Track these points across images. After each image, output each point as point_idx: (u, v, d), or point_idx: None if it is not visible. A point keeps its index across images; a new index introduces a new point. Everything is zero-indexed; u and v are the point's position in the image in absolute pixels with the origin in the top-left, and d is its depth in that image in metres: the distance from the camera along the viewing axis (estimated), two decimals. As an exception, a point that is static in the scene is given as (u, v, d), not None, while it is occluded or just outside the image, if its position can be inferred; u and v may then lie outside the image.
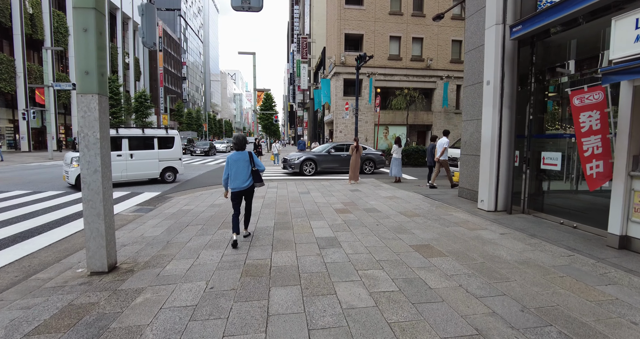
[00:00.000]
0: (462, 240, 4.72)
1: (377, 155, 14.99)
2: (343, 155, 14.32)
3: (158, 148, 10.87)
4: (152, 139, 10.82)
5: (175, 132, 11.48)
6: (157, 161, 10.89)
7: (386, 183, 11.09)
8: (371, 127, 23.66)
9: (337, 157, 14.32)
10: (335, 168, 14.23)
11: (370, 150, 15.03)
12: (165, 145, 11.12)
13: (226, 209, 6.92)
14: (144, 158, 10.59)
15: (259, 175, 4.61)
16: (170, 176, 11.33)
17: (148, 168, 10.73)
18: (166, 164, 11.13)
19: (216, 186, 10.57)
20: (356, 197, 8.26)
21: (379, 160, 14.94)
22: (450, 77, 24.24)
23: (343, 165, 14.20)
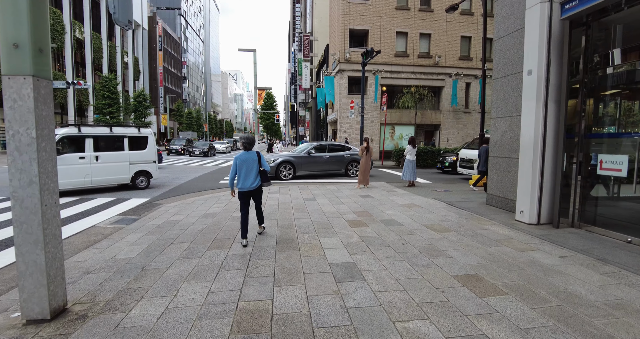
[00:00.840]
0: (515, 266, 3.71)
1: None
2: (325, 156, 12.79)
3: (129, 150, 9.56)
4: (121, 139, 9.45)
5: (149, 131, 10.14)
6: (128, 164, 9.58)
7: (399, 187, 10.08)
8: (377, 127, 22.65)
9: (319, 158, 12.74)
10: (317, 171, 12.79)
11: (355, 150, 13.48)
12: (138, 146, 9.79)
13: (220, 221, 5.92)
14: (112, 161, 9.28)
15: (266, 175, 4.65)
16: (144, 182, 10.03)
17: (117, 172, 9.40)
18: (138, 167, 9.81)
19: (212, 191, 9.58)
20: (369, 205, 7.25)
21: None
22: (460, 74, 23.21)
23: (326, 168, 12.85)
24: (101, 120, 33.66)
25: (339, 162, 12.97)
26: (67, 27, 35.98)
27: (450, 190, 9.49)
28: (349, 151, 13.30)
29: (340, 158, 13.01)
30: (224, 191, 9.33)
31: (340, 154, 13.08)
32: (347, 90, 22.28)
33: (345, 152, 13.24)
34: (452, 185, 11.11)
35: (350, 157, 13.11)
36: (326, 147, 13.18)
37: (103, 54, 42.71)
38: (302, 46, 38.98)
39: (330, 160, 12.83)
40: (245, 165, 4.44)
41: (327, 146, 13.22)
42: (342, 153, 13.15)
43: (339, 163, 12.98)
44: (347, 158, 13.10)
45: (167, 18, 72.70)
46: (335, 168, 12.96)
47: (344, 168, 13.09)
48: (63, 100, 35.89)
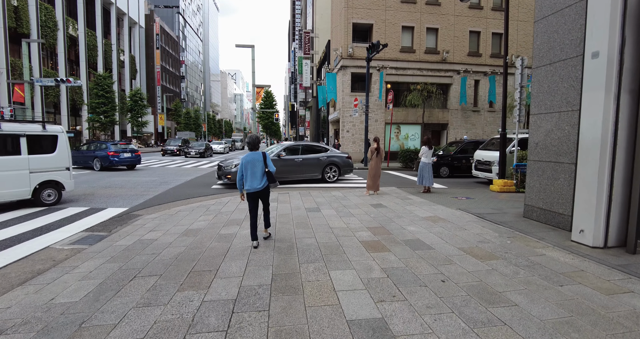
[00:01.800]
0: (615, 323, 2.57)
1: (341, 158, 11.80)
2: (297, 159, 11.07)
3: (28, 153, 7.10)
4: (15, 139, 6.98)
5: (59, 129, 7.82)
6: (27, 173, 7.08)
7: (413, 193, 8.93)
8: (381, 126, 21.50)
9: (290, 162, 10.99)
10: (288, 177, 11.02)
11: (334, 151, 11.92)
12: (42, 149, 7.39)
13: (203, 241, 4.78)
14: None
15: (272, 176, 4.56)
16: (52, 196, 7.56)
17: (6, 184, 6.80)
18: (44, 177, 7.34)
19: (201, 198, 8.43)
20: (385, 218, 6.10)
21: (345, 164, 11.78)
22: (469, 71, 22.06)
23: (299, 174, 11.14)
24: (94, 120, 32.50)
25: (314, 165, 11.31)
26: (59, 24, 34.86)
27: (473, 198, 8.34)
28: (325, 153, 11.61)
29: (315, 161, 11.34)
30: (215, 199, 8.18)
31: (315, 156, 11.39)
32: (350, 88, 21.12)
33: (321, 154, 11.52)
34: (472, 190, 9.97)
35: (327, 160, 11.45)
36: (299, 148, 11.57)
37: (98, 52, 41.59)
38: (302, 43, 37.83)
39: (304, 163, 11.15)
40: (251, 165, 4.40)
41: (301, 147, 11.62)
42: (318, 155, 11.45)
43: (315, 167, 11.33)
44: (323, 161, 11.41)
45: (165, 16, 71.57)
46: (310, 172, 11.31)
47: (320, 173, 11.42)
48: (56, 99, 34.72)
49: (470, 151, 14.06)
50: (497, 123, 22.97)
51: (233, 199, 8.09)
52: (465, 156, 14.02)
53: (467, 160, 13.82)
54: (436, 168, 13.19)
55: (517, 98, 10.03)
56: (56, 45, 34.86)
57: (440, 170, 13.78)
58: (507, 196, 8.69)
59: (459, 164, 14.05)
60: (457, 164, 14.07)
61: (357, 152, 20.64)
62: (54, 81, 22.51)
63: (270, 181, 4.53)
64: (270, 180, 4.53)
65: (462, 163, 14.03)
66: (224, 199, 8.14)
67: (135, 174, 13.92)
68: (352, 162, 12.17)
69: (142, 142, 52.82)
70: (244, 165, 4.40)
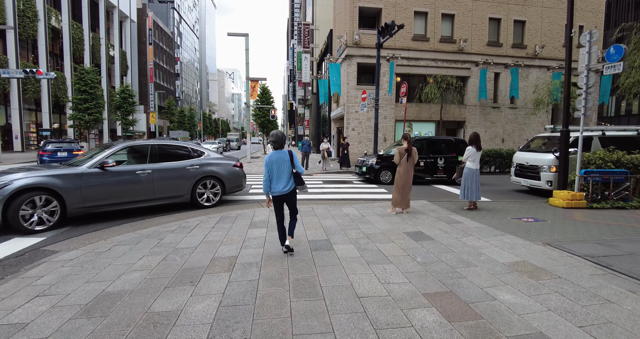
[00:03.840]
0: None
1: (226, 168, 7.33)
2: (143, 172, 6.31)
3: None
4: None
5: None
6: None
7: (456, 211, 6.54)
8: (391, 124, 19.10)
9: (128, 177, 6.18)
10: (122, 203, 6.14)
11: (212, 156, 7.33)
12: None
13: (120, 321, 2.35)
14: None
15: (300, 177, 4.07)
16: None
17: None
18: None
19: (163, 217, 6.01)
20: (443, 266, 3.69)
21: (232, 176, 7.39)
22: (490, 62, 19.67)
23: (145, 195, 6.36)
24: (76, 117, 29.94)
25: (177, 180, 6.70)
26: (40, 14, 32.30)
27: (545, 220, 5.95)
28: (198, 159, 7.04)
29: (178, 173, 6.71)
30: (179, 220, 5.75)
31: (179, 166, 6.74)
32: (356, 80, 18.71)
33: (190, 162, 6.89)
34: (521, 204, 7.59)
35: (200, 170, 6.90)
36: (148, 150, 6.59)
37: (85, 46, 39.02)
38: (302, 36, 35.40)
39: (156, 178, 6.40)
40: (276, 166, 3.92)
41: (152, 149, 6.62)
42: (184, 163, 6.82)
43: (178, 184, 6.72)
44: (193, 173, 6.83)
45: (159, 11, 69.04)
46: (169, 193, 6.64)
47: (189, 192, 6.85)
48: (36, 95, 32.17)
49: (422, 151, 11.62)
50: (518, 121, 20.64)
51: (203, 221, 5.67)
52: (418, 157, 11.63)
53: (418, 162, 11.23)
54: (376, 172, 11.25)
55: (583, 85, 7.63)
56: (37, 37, 32.32)
57: (381, 174, 11.38)
58: (586, 215, 6.31)
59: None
60: None
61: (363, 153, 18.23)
62: (23, 72, 20.02)
63: (297, 183, 4.06)
64: (298, 183, 4.06)
65: None
66: (191, 221, 5.72)
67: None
68: (243, 174, 7.81)
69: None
70: (268, 165, 3.94)
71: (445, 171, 11.67)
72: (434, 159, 11.65)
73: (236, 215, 6.17)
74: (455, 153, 11.72)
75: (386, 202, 7.63)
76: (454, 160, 11.61)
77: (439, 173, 11.68)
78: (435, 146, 11.94)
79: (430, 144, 11.92)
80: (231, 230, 5.20)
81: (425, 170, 11.61)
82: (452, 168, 11.48)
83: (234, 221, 5.71)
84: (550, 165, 8.92)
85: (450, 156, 11.75)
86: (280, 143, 3.99)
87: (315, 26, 34.04)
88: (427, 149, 11.70)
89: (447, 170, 11.64)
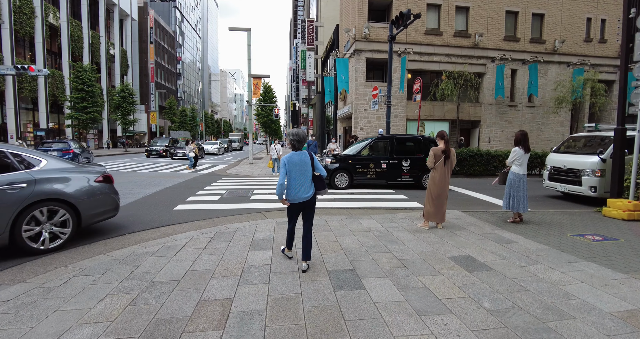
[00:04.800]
0: None
1: (79, 183, 4.49)
2: None
3: None
4: None
5: None
6: None
7: (501, 226, 5.41)
8: (402, 123, 17.97)
9: None
10: None
11: (51, 163, 4.38)
12: None
13: None
14: None
15: (323, 181, 3.64)
16: None
17: None
18: None
19: (147, 233, 4.92)
20: (524, 319, 2.56)
21: (94, 200, 4.62)
22: (507, 58, 18.50)
23: None
24: (73, 117, 28.96)
25: None
26: (37, 10, 31.39)
27: (617, 238, 4.82)
28: (25, 172, 4.07)
29: None
30: (165, 237, 4.65)
31: None
32: (365, 76, 17.59)
33: (8, 176, 3.93)
34: (574, 215, 6.45)
35: (26, 192, 3.95)
36: None
37: (84, 44, 38.10)
38: (306, 34, 34.32)
39: None
40: (297, 169, 3.42)
41: None
42: None
43: None
44: (13, 197, 3.87)
45: (160, 10, 68.26)
46: None
47: (6, 230, 3.85)
48: (33, 94, 31.24)
49: (383, 151, 10.31)
50: (537, 120, 19.46)
51: (194, 239, 4.58)
52: (377, 158, 10.06)
53: (379, 163, 10.01)
54: (330, 175, 9.69)
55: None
56: (34, 34, 31.40)
57: (336, 177, 9.84)
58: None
59: (363, 169, 9.92)
60: (361, 169, 9.92)
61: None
62: (14, 69, 19.06)
63: (319, 188, 3.59)
64: (320, 187, 3.60)
65: (370, 168, 9.96)
66: (179, 239, 4.63)
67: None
68: (114, 191, 5.02)
69: (134, 141, 49.40)
70: (287, 167, 3.39)
71: (411, 174, 10.00)
72: (399, 160, 9.99)
73: (234, 230, 5.07)
74: (423, 154, 10.02)
75: (411, 212, 6.51)
76: (421, 161, 9.91)
77: (404, 176, 10.02)
78: (400, 145, 10.27)
79: (395, 143, 10.15)
80: (227, 252, 4.11)
81: (387, 173, 9.95)
82: (419, 170, 9.94)
83: (231, 239, 4.62)
84: (595, 169, 7.78)
85: (416, 157, 10.05)
86: (301, 143, 3.53)
87: (320, 23, 32.96)
88: (390, 149, 10.07)
89: (413, 172, 10.00)
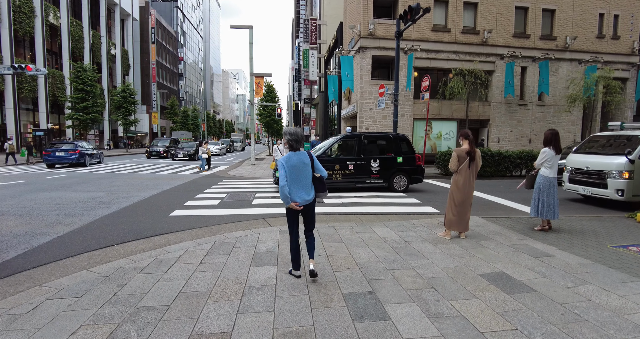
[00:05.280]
0: None
1: None
2: None
3: None
4: None
5: None
6: None
7: (531, 236, 4.88)
8: (408, 122, 17.43)
9: None
10: None
11: None
12: None
13: None
14: None
15: (324, 183, 3.40)
16: None
17: None
18: None
19: (136, 244, 4.44)
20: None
21: None
22: (517, 55, 17.92)
23: None
24: (73, 117, 28.57)
25: None
26: (37, 10, 31.05)
27: (666, 250, 4.28)
28: None
29: None
30: (158, 248, 4.16)
31: None
32: (371, 75, 17.06)
33: None
34: (604, 221, 5.91)
35: None
36: None
37: (84, 44, 37.78)
38: (308, 32, 33.82)
39: None
40: (296, 171, 3.19)
41: None
42: None
43: None
44: None
45: (162, 10, 67.93)
46: None
47: None
48: (33, 94, 30.90)
49: (350, 151, 9.54)
50: (547, 119, 18.87)
51: (189, 252, 4.08)
52: (343, 159, 9.25)
53: (345, 164, 9.18)
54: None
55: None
56: (34, 33, 31.06)
57: None
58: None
59: (329, 171, 8.95)
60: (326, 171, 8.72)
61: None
62: (11, 68, 18.65)
63: (319, 190, 3.38)
64: (320, 189, 3.38)
65: (335, 170, 9.08)
66: (173, 250, 4.13)
67: (76, 187, 9.91)
68: None
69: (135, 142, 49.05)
70: (286, 169, 3.14)
71: (381, 175, 9.29)
72: (367, 160, 9.20)
73: (234, 241, 4.57)
74: (393, 152, 9.44)
75: (427, 219, 5.99)
76: (391, 161, 9.35)
77: (373, 178, 9.29)
78: (369, 144, 9.52)
79: (363, 142, 9.34)
80: (226, 268, 3.61)
81: (354, 175, 9.15)
82: (389, 170, 9.31)
83: (230, 252, 4.12)
84: (622, 171, 7.24)
85: (386, 157, 9.37)
86: (300, 143, 3.28)
87: (322, 21, 32.46)
88: (358, 148, 9.25)
89: (383, 173, 9.28)
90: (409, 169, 9.53)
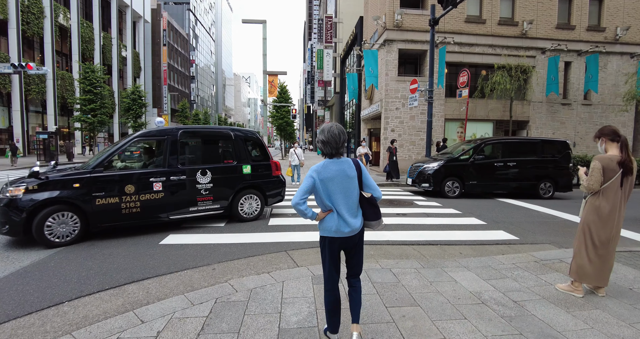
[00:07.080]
0: None
1: None
2: None
3: None
4: None
5: None
6: None
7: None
8: (440, 123, 15.64)
9: None
10: None
11: None
12: None
13: None
14: None
15: (376, 207, 2.20)
16: None
17: None
18: None
19: (78, 309, 2.82)
20: None
21: None
22: (562, 48, 15.98)
23: None
24: (80, 119, 27.61)
25: None
26: (47, 10, 30.39)
27: None
28: None
29: None
30: (119, 318, 2.53)
31: None
32: (397, 71, 15.35)
33: None
34: None
35: None
36: None
37: (95, 46, 37.11)
38: (323, 31, 32.36)
39: None
40: (333, 185, 2.08)
41: None
42: None
43: None
44: None
45: (174, 13, 67.70)
46: None
47: None
48: (41, 96, 30.13)
49: (154, 158, 5.72)
50: (594, 120, 16.83)
51: (177, 318, 2.43)
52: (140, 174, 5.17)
53: (147, 183, 5.16)
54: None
55: None
56: (43, 34, 30.37)
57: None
58: None
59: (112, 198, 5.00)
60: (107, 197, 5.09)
61: (406, 160, 14.85)
62: (12, 67, 17.61)
63: (370, 217, 2.17)
64: (372, 216, 2.17)
65: (126, 194, 5.04)
66: (148, 319, 2.49)
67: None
68: None
69: (146, 145, 48.23)
70: (317, 185, 2.08)
71: (215, 197, 5.71)
72: (189, 173, 5.47)
73: (246, 297, 2.93)
74: (235, 160, 5.97)
75: (512, 253, 4.24)
76: (232, 171, 5.89)
77: (203, 201, 5.61)
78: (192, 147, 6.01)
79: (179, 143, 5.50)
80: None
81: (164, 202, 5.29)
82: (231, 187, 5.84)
83: (240, 325, 2.48)
84: None
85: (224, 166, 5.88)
86: (336, 147, 2.10)
87: (338, 19, 30.95)
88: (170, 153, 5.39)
89: (220, 193, 5.72)
90: (262, 184, 6.17)
